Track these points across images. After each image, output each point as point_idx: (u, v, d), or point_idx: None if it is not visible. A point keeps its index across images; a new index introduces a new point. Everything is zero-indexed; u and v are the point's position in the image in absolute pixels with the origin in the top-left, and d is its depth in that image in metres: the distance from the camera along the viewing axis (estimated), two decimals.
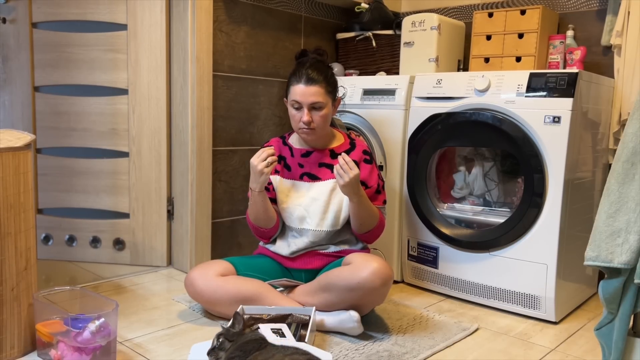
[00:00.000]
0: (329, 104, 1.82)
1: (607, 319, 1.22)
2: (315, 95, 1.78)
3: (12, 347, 1.49)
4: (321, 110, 1.80)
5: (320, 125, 1.83)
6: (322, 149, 1.91)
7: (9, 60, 2.39)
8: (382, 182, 1.93)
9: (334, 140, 1.94)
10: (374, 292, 1.67)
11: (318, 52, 1.90)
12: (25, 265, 1.53)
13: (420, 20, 2.40)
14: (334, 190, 1.87)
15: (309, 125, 1.81)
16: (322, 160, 1.90)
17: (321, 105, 1.80)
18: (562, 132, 1.80)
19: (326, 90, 1.81)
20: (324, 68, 1.84)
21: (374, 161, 1.93)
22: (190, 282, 1.81)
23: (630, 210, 1.14)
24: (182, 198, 2.35)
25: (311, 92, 1.77)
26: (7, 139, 1.50)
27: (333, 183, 1.86)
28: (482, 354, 1.65)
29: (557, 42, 2.21)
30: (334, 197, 1.87)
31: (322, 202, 1.86)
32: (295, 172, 1.91)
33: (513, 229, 1.92)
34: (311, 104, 1.79)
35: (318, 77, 1.79)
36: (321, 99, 1.79)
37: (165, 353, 1.58)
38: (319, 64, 1.83)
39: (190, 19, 2.23)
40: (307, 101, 1.78)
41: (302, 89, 1.78)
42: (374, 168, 1.91)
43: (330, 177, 1.87)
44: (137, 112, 2.36)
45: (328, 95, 1.82)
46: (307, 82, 1.78)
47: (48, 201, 2.45)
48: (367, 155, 1.91)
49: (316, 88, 1.78)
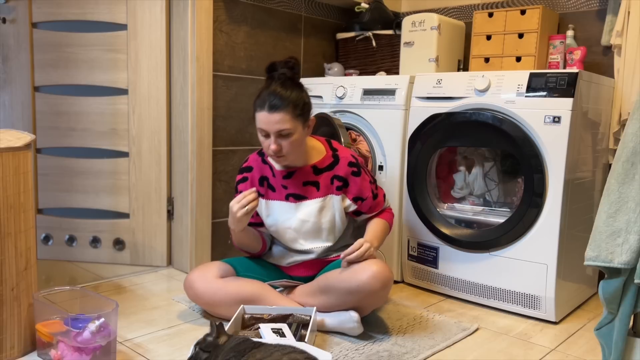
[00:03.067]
0: (298, 128, 1.65)
1: (607, 319, 1.22)
2: (280, 123, 1.61)
3: (12, 347, 1.49)
4: (290, 137, 1.64)
5: (292, 152, 1.68)
6: (303, 166, 1.78)
7: (9, 60, 2.39)
8: (374, 183, 1.85)
9: (315, 154, 1.79)
10: (374, 295, 1.66)
11: (288, 64, 1.68)
12: (25, 265, 1.52)
13: (420, 20, 2.40)
14: (323, 209, 1.77)
15: (278, 154, 1.68)
16: (305, 179, 1.77)
17: (289, 132, 1.63)
18: (562, 132, 1.80)
19: (293, 115, 1.63)
20: (291, 88, 1.65)
21: (362, 168, 1.81)
22: (190, 285, 1.80)
23: (630, 210, 1.14)
24: (182, 198, 2.35)
25: (276, 120, 1.61)
26: (7, 139, 1.50)
27: (321, 202, 1.77)
28: (482, 354, 1.64)
29: (557, 42, 2.21)
30: (324, 215, 1.78)
31: (311, 223, 1.78)
32: (280, 192, 1.80)
33: (513, 229, 1.92)
34: (277, 132, 1.63)
35: (283, 102, 1.61)
36: (288, 126, 1.62)
37: (165, 353, 1.58)
38: (287, 84, 1.65)
39: (190, 19, 2.23)
40: (272, 129, 1.63)
41: (266, 116, 1.62)
42: (363, 177, 1.80)
43: (317, 196, 1.77)
44: (137, 112, 2.36)
45: (296, 120, 1.64)
46: (270, 109, 1.61)
47: (48, 201, 2.45)
48: (353, 167, 1.78)
49: (281, 115, 1.61)
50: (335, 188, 1.78)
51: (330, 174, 1.77)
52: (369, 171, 1.86)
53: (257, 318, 1.68)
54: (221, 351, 1.32)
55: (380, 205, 1.86)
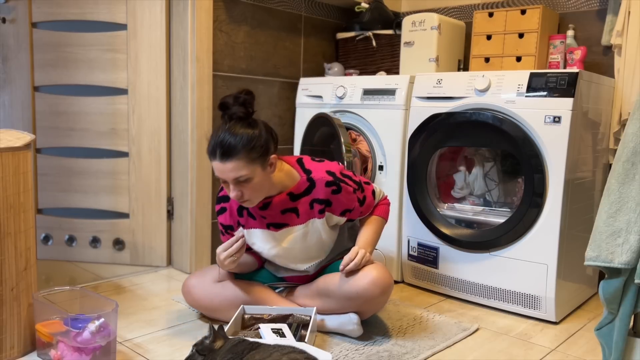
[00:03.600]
0: (256, 171, 1.52)
1: (607, 319, 1.22)
2: (234, 171, 1.49)
3: (12, 347, 1.49)
4: (249, 182, 1.52)
5: (255, 195, 1.57)
6: (278, 194, 1.65)
7: (9, 60, 2.39)
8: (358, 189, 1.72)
9: (289, 181, 1.66)
10: (373, 300, 1.66)
11: (240, 101, 1.54)
12: (25, 265, 1.52)
13: (421, 20, 2.39)
14: (307, 234, 1.69)
15: (241, 200, 1.57)
16: (283, 207, 1.66)
17: (246, 178, 1.51)
18: (562, 132, 1.80)
19: (248, 160, 1.49)
20: (243, 130, 1.50)
21: (341, 182, 1.67)
22: (188, 290, 1.79)
23: (630, 210, 1.14)
24: (182, 198, 2.34)
25: (229, 169, 1.49)
26: (7, 139, 1.50)
27: (303, 228, 1.69)
28: (483, 354, 1.64)
29: (558, 42, 2.21)
30: (309, 240, 1.70)
31: (297, 250, 1.71)
32: (261, 221, 1.70)
33: (513, 229, 1.91)
34: (234, 180, 1.52)
35: (234, 149, 1.48)
36: (244, 172, 1.49)
37: (165, 353, 1.58)
38: (237, 127, 1.51)
39: (190, 19, 2.23)
40: (228, 178, 1.52)
41: (219, 165, 1.50)
42: (345, 190, 1.67)
43: (298, 222, 1.68)
44: (137, 112, 2.36)
45: (253, 164, 1.50)
46: (222, 158, 1.49)
47: (48, 201, 2.45)
48: (332, 187, 1.65)
49: (233, 163, 1.48)
50: (317, 212, 1.67)
51: (308, 198, 1.66)
52: (350, 177, 1.71)
53: (257, 318, 1.67)
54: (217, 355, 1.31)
55: (371, 205, 1.79)
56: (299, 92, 2.58)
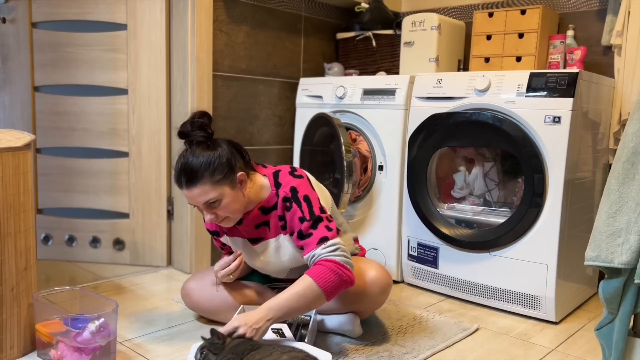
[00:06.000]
0: (225, 192, 1.51)
1: (607, 319, 1.22)
2: (202, 196, 1.49)
3: (11, 347, 1.49)
4: (220, 203, 1.51)
5: (231, 213, 1.55)
6: (251, 210, 1.63)
7: (9, 60, 2.39)
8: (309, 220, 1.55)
9: (264, 192, 1.63)
10: (372, 300, 1.66)
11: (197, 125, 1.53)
12: (25, 265, 1.52)
13: (421, 20, 2.39)
14: (279, 249, 1.66)
15: (217, 221, 1.56)
16: (256, 222, 1.64)
17: (216, 199, 1.50)
18: (562, 132, 1.80)
19: (213, 182, 1.48)
20: (205, 152, 1.50)
21: (295, 202, 1.57)
22: (187, 293, 1.79)
23: (630, 210, 1.14)
24: (182, 198, 2.34)
25: (197, 194, 1.49)
26: (7, 139, 1.50)
27: (274, 242, 1.65)
28: (482, 354, 1.64)
29: (558, 42, 2.21)
30: (282, 255, 1.66)
31: (273, 263, 1.69)
32: (241, 232, 1.70)
33: (513, 229, 1.91)
34: (205, 204, 1.51)
35: (197, 174, 1.47)
36: (212, 195, 1.49)
37: (165, 353, 1.58)
38: (196, 152, 1.50)
39: (190, 19, 2.23)
40: (198, 203, 1.51)
41: (187, 193, 1.50)
42: (294, 212, 1.57)
43: (270, 236, 1.66)
44: (137, 112, 2.36)
45: (220, 185, 1.50)
46: (187, 185, 1.49)
47: (48, 201, 2.45)
48: (286, 202, 1.58)
49: (199, 189, 1.48)
50: (280, 227, 1.64)
51: (276, 212, 1.63)
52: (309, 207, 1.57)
53: None
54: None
55: (310, 247, 1.53)
56: (299, 92, 2.58)
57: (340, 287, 1.49)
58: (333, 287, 1.47)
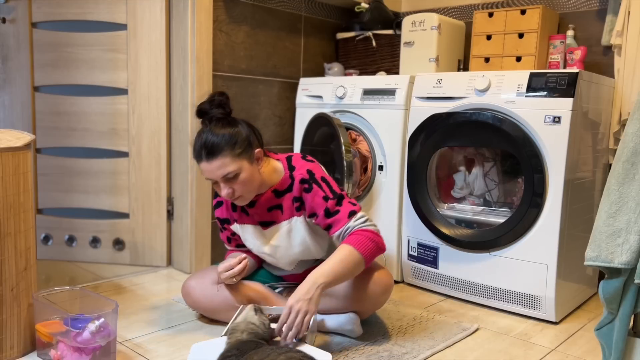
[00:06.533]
0: (243, 166, 1.56)
1: (607, 319, 1.22)
2: (222, 168, 1.54)
3: (11, 347, 1.49)
4: (238, 178, 1.56)
5: (246, 190, 1.59)
6: (263, 192, 1.68)
7: (9, 60, 2.39)
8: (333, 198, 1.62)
9: (275, 177, 1.68)
10: (374, 300, 1.67)
11: (216, 103, 1.60)
12: (25, 266, 1.52)
13: (421, 20, 2.39)
14: (291, 232, 1.69)
15: (232, 197, 1.60)
16: (269, 204, 1.69)
17: (235, 173, 1.55)
18: (562, 132, 1.80)
19: (233, 156, 1.54)
20: (225, 127, 1.56)
21: (314, 183, 1.64)
22: (187, 292, 1.79)
23: (630, 210, 1.14)
24: (182, 198, 2.34)
25: (217, 167, 1.54)
26: (7, 139, 1.50)
27: (287, 224, 1.69)
28: (482, 354, 1.64)
29: (558, 42, 2.21)
30: (293, 238, 1.70)
31: (283, 247, 1.72)
32: (252, 217, 1.73)
33: (513, 229, 1.91)
34: (223, 178, 1.55)
35: (218, 147, 1.53)
36: (231, 169, 1.54)
37: (165, 353, 1.58)
38: (217, 126, 1.56)
39: (190, 19, 2.23)
40: (217, 176, 1.56)
41: (206, 166, 1.55)
42: (315, 192, 1.63)
43: (283, 219, 1.69)
44: (137, 112, 2.36)
45: (239, 159, 1.55)
46: (207, 157, 1.54)
47: (48, 201, 2.45)
48: (304, 184, 1.64)
49: (219, 161, 1.53)
50: (295, 209, 1.68)
51: (290, 195, 1.67)
52: (330, 186, 1.65)
53: None
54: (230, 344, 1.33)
55: (342, 222, 1.61)
56: (299, 92, 2.58)
57: (376, 254, 1.58)
58: (371, 253, 1.56)
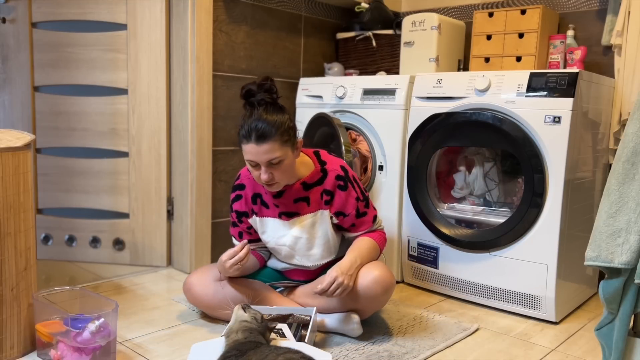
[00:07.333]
0: (287, 153, 1.59)
1: (607, 319, 1.22)
2: (269, 153, 1.55)
3: (11, 347, 1.49)
4: (281, 165, 1.59)
5: (283, 177, 1.63)
6: (292, 184, 1.71)
7: (9, 60, 2.39)
8: (363, 200, 1.74)
9: (304, 169, 1.72)
10: (375, 299, 1.67)
11: (265, 87, 1.60)
12: (25, 265, 1.52)
13: (421, 20, 2.39)
14: (315, 224, 1.72)
15: (270, 182, 1.62)
16: (296, 196, 1.71)
17: (279, 160, 1.57)
18: (562, 132, 1.80)
19: (281, 142, 1.56)
20: (275, 114, 1.58)
21: (350, 182, 1.73)
22: (188, 288, 1.80)
23: (630, 210, 1.14)
24: (182, 198, 2.34)
25: (264, 150, 1.54)
26: (7, 138, 1.50)
27: (312, 217, 1.72)
28: (483, 354, 1.64)
29: (558, 41, 2.21)
30: (317, 230, 1.73)
31: (305, 239, 1.73)
32: (273, 210, 1.75)
33: (513, 229, 1.91)
34: (267, 162, 1.57)
35: (270, 131, 1.54)
36: (277, 154, 1.56)
37: (165, 353, 1.58)
38: (269, 110, 1.58)
39: (190, 19, 2.23)
40: (262, 160, 1.56)
41: (254, 148, 1.55)
42: (350, 192, 1.71)
43: (308, 211, 1.72)
44: (137, 112, 2.36)
45: (285, 146, 1.57)
46: (257, 140, 1.54)
47: (48, 201, 2.45)
48: (340, 181, 1.71)
49: (269, 145, 1.54)
50: (324, 203, 1.71)
51: (319, 188, 1.71)
52: (360, 187, 1.76)
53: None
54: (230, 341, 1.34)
55: (367, 225, 1.75)
56: (299, 92, 2.58)
57: (383, 249, 1.81)
58: (383, 248, 1.79)
